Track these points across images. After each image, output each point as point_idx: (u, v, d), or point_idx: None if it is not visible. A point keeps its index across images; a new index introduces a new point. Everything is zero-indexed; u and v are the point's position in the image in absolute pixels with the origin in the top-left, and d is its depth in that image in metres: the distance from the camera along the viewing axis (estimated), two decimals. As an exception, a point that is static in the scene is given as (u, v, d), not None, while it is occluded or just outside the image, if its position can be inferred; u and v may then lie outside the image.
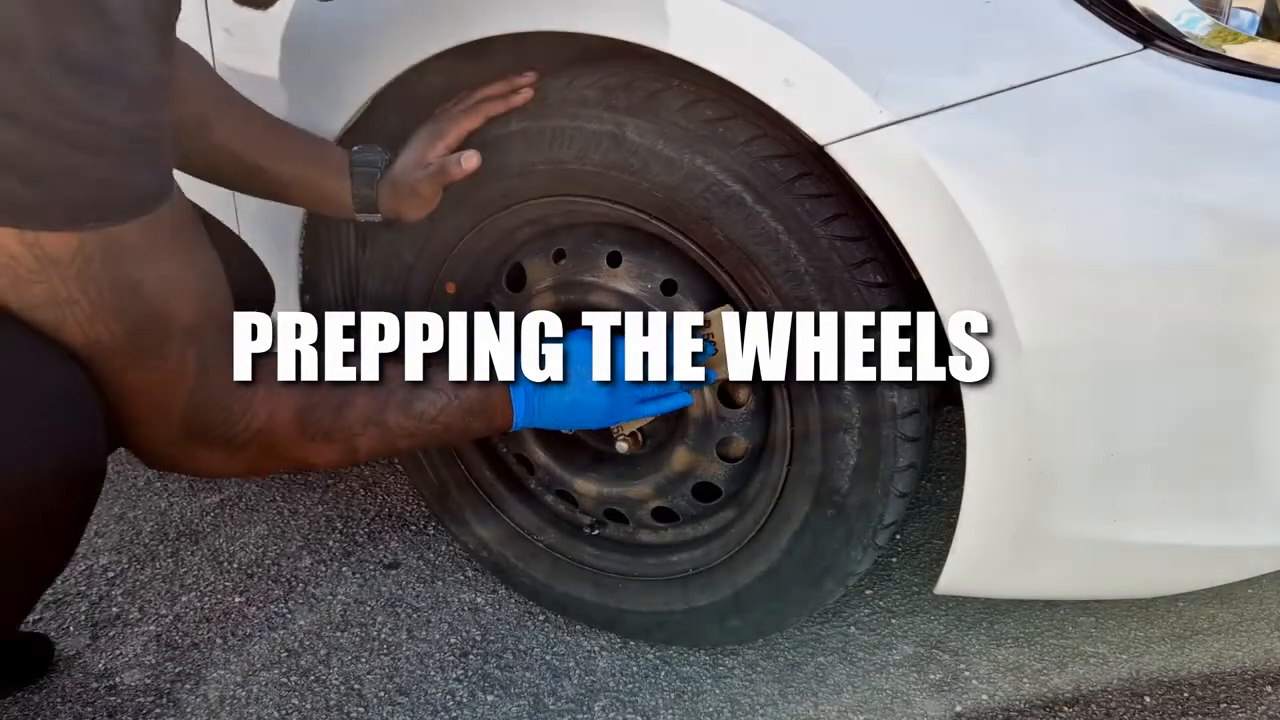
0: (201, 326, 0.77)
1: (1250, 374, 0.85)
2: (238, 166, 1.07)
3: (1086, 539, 0.94)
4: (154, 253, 0.72)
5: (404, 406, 0.91)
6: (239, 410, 0.81)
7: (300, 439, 0.85)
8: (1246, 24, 0.84)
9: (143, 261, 0.71)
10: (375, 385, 0.90)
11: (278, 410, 0.83)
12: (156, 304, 0.73)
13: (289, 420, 0.84)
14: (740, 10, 0.87)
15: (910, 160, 0.84)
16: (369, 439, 0.90)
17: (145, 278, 0.72)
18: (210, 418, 0.79)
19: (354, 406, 0.88)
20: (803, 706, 1.16)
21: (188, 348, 0.76)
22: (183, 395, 0.77)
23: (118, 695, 1.18)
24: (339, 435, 0.87)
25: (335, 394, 0.87)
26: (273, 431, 0.83)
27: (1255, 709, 1.13)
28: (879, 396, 0.96)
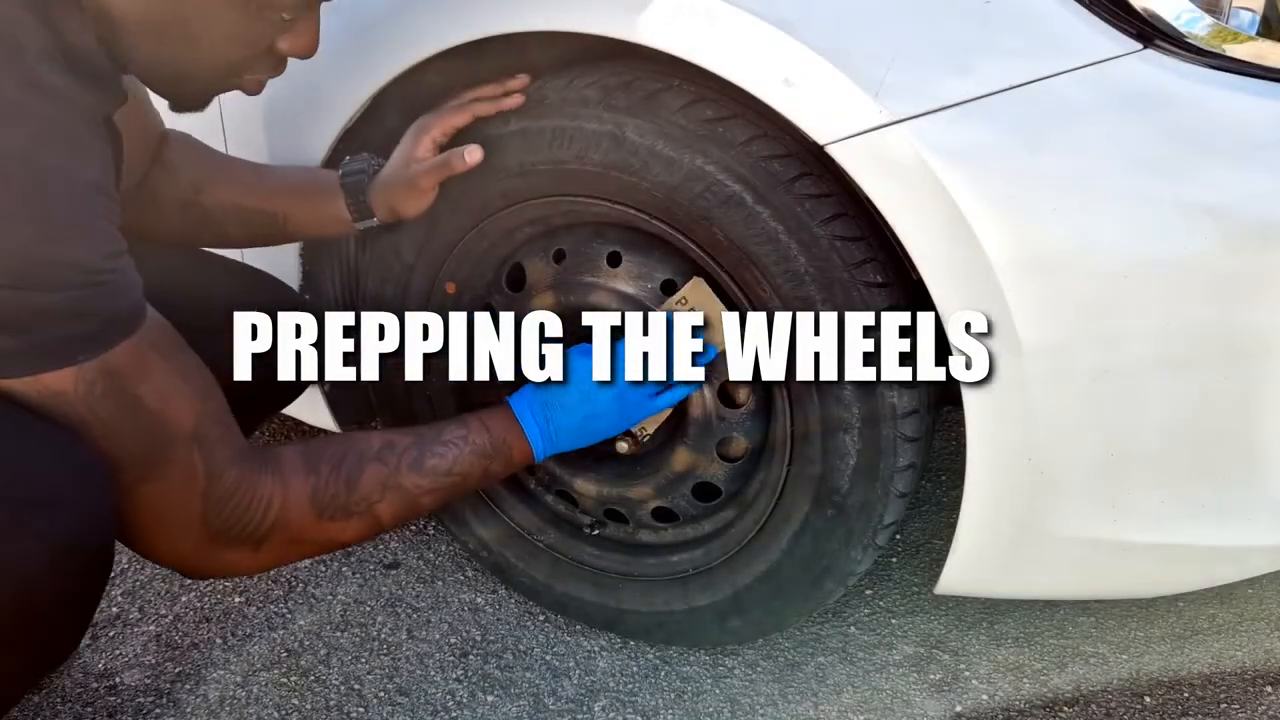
0: (202, 427, 0.78)
1: (1250, 374, 0.85)
2: (237, 218, 1.10)
3: (1086, 539, 0.94)
4: (146, 367, 0.75)
5: (416, 466, 0.91)
6: (252, 501, 0.81)
7: (319, 520, 0.85)
8: (1246, 24, 0.84)
9: (139, 376, 0.74)
10: (382, 452, 0.89)
11: (290, 496, 0.83)
12: (157, 415, 0.76)
13: (302, 504, 0.84)
14: (740, 10, 0.87)
15: (910, 160, 0.84)
16: (389, 505, 0.89)
17: (143, 392, 0.74)
18: (226, 513, 0.80)
19: (365, 476, 0.87)
20: (803, 706, 1.16)
21: (193, 450, 0.78)
22: (197, 497, 0.78)
23: (118, 695, 1.18)
24: (357, 508, 0.87)
25: (343, 468, 0.87)
26: (289, 519, 0.83)
27: (1255, 709, 1.13)
28: (879, 396, 0.96)
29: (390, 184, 1.07)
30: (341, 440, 0.90)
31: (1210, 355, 0.84)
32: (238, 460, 0.80)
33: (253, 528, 0.82)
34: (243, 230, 1.11)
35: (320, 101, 1.12)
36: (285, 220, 1.11)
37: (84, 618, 0.78)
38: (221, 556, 0.82)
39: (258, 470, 0.82)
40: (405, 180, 1.06)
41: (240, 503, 0.80)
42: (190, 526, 0.79)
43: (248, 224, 1.11)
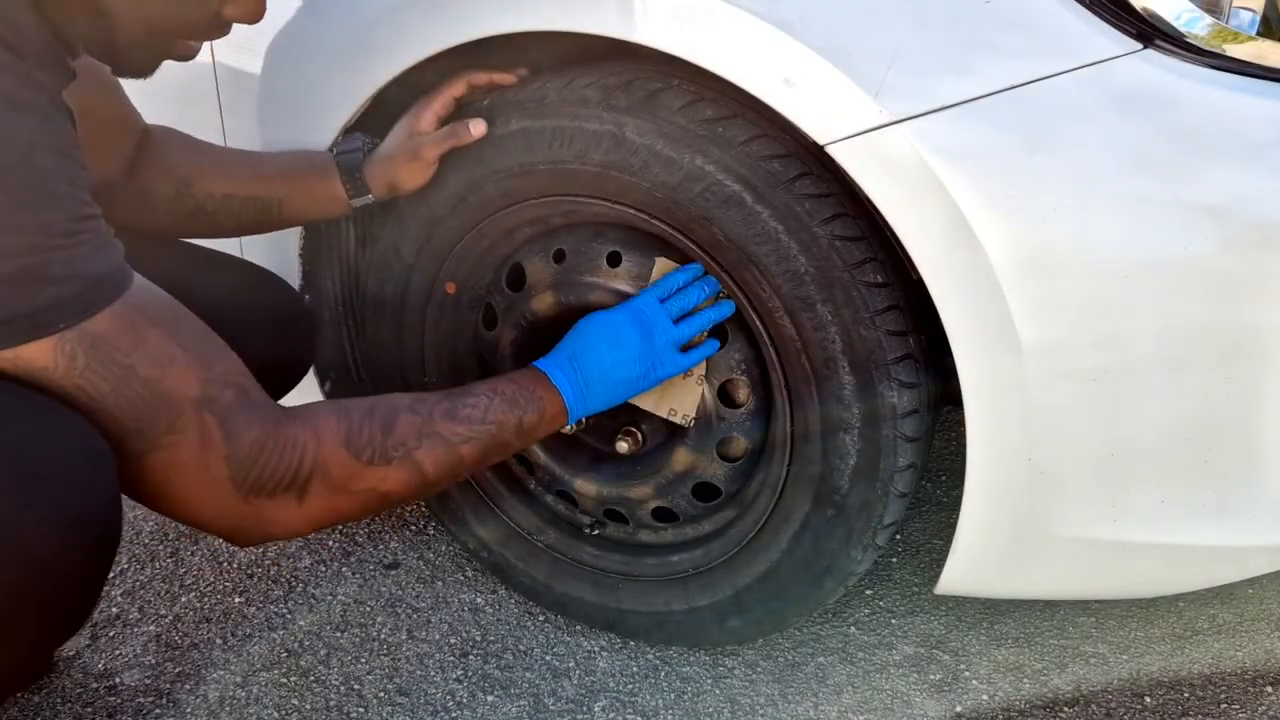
0: (209, 390, 0.76)
1: (1250, 374, 0.85)
2: (230, 206, 1.10)
3: (1086, 539, 0.94)
4: (135, 333, 0.72)
5: (449, 414, 0.90)
6: (284, 451, 0.79)
7: (358, 464, 0.83)
8: (1246, 24, 0.84)
9: (127, 345, 0.72)
10: (414, 404, 0.89)
11: (323, 442, 0.81)
12: (154, 382, 0.73)
13: (337, 448, 0.82)
14: (740, 10, 0.87)
15: (910, 160, 0.84)
16: (429, 453, 0.88)
17: (134, 361, 0.72)
18: (257, 470, 0.78)
19: (400, 423, 0.86)
20: (803, 706, 1.16)
21: (204, 414, 0.76)
22: (219, 460, 0.76)
23: (118, 695, 1.18)
24: (396, 453, 0.85)
25: (376, 412, 0.85)
26: (326, 465, 0.81)
27: (1255, 709, 1.13)
28: (879, 396, 0.96)
29: (391, 157, 1.08)
30: (369, 397, 0.88)
31: (1210, 355, 0.84)
32: (259, 418, 0.78)
33: (290, 477, 0.80)
34: (236, 219, 1.11)
35: (320, 101, 1.12)
36: (280, 205, 1.11)
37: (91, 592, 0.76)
38: (264, 513, 0.80)
39: (283, 422, 0.80)
40: (408, 152, 1.06)
41: (270, 456, 0.78)
42: (219, 488, 0.77)
43: (241, 212, 1.10)
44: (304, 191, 1.11)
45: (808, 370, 0.98)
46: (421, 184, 1.08)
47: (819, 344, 0.96)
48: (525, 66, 1.08)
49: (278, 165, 1.12)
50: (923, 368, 0.99)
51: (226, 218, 1.11)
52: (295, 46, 1.12)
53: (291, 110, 1.15)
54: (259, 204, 1.10)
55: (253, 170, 1.11)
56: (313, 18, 1.10)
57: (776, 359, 1.00)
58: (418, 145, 1.06)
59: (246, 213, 1.11)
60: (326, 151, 1.12)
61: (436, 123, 1.07)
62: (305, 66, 1.12)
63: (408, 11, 1.02)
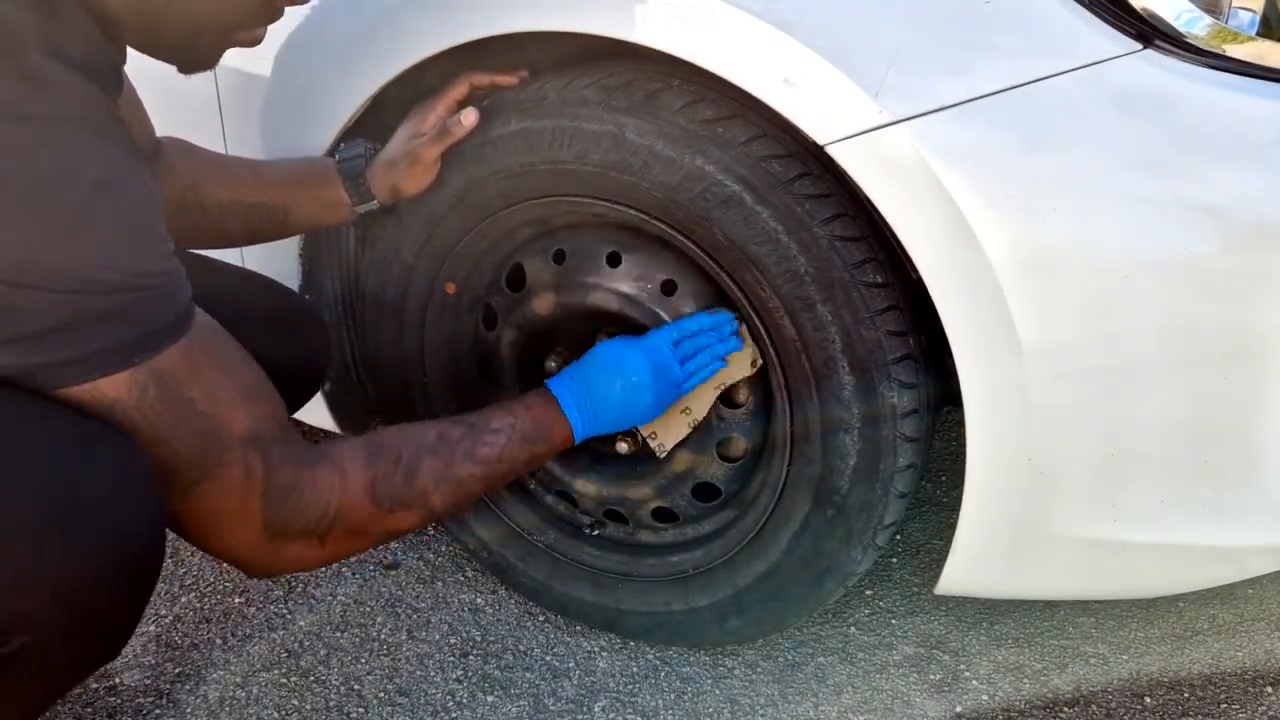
0: (255, 427, 0.78)
1: (1250, 374, 0.85)
2: (235, 213, 1.10)
3: (1086, 539, 0.94)
4: (197, 369, 0.75)
5: (469, 456, 0.92)
6: (312, 499, 0.82)
7: (378, 512, 0.86)
8: (1246, 24, 0.84)
9: (190, 380, 0.74)
10: (438, 445, 0.91)
11: (349, 490, 0.83)
12: (210, 417, 0.76)
13: (362, 498, 0.84)
14: (740, 10, 0.87)
15: (910, 160, 0.84)
16: (443, 495, 0.90)
17: (195, 396, 0.75)
18: (287, 514, 0.80)
19: (423, 469, 0.88)
20: (803, 707, 1.16)
21: (250, 451, 0.78)
22: (256, 497, 0.79)
23: (118, 695, 1.18)
24: (415, 500, 0.88)
25: (402, 461, 0.87)
26: (350, 512, 0.84)
27: (1255, 709, 1.13)
28: (879, 396, 0.96)
29: (393, 162, 1.08)
30: (397, 434, 0.90)
31: (1210, 355, 0.84)
32: (294, 458, 0.80)
33: (314, 522, 0.82)
34: (242, 225, 1.11)
35: (320, 101, 1.12)
36: (285, 211, 1.11)
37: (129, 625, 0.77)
38: (285, 553, 0.83)
39: (315, 466, 0.82)
40: (408, 156, 1.07)
41: (300, 499, 0.81)
42: (251, 525, 0.79)
43: (246, 219, 1.11)
44: (309, 198, 1.11)
45: (808, 370, 0.98)
46: (424, 186, 1.09)
47: (819, 344, 0.96)
48: (526, 67, 1.08)
49: (282, 171, 1.12)
50: (923, 368, 0.99)
51: (233, 224, 1.11)
52: (296, 47, 1.12)
53: (292, 111, 1.15)
54: (265, 210, 1.10)
55: (257, 176, 1.11)
56: (313, 18, 1.10)
57: (776, 359, 1.00)
58: (416, 148, 1.06)
59: (253, 219, 1.11)
60: (328, 157, 1.12)
61: (438, 125, 1.07)
62: (306, 67, 1.12)
63: (408, 11, 1.02)
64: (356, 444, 0.87)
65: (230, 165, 1.12)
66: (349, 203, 1.10)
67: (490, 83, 1.07)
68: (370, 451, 0.86)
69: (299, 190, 1.11)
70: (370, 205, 1.10)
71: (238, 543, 0.81)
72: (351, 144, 1.11)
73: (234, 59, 1.16)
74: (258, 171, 1.12)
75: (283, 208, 1.10)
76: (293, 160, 1.14)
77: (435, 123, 1.07)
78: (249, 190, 1.10)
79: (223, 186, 1.09)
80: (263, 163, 1.14)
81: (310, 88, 1.12)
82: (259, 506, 0.79)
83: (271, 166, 1.13)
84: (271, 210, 1.10)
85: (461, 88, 1.07)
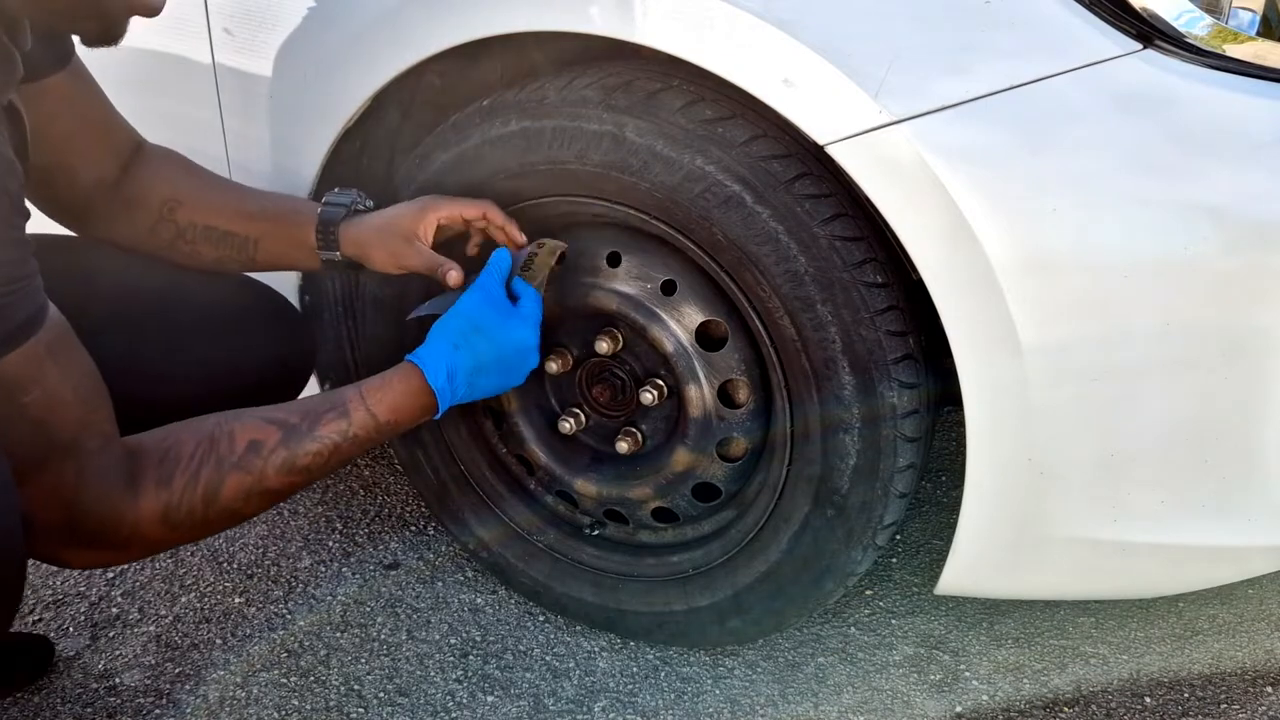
0: (80, 439, 0.78)
1: (1250, 374, 0.85)
2: (208, 238, 1.09)
3: (1086, 539, 0.94)
4: (37, 374, 0.74)
5: (284, 468, 0.87)
6: (109, 518, 0.81)
7: (175, 532, 0.84)
8: (1246, 24, 0.84)
9: (27, 386, 0.73)
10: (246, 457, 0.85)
11: (142, 517, 0.82)
12: (37, 422, 0.75)
13: (155, 522, 0.82)
14: (740, 10, 0.87)
15: (910, 160, 0.84)
16: (254, 504, 0.87)
17: (28, 401, 0.74)
18: (90, 526, 0.80)
19: (225, 488, 0.84)
20: (803, 707, 1.16)
21: (67, 460, 0.77)
22: (63, 505, 0.78)
23: (118, 695, 1.18)
24: (218, 518, 0.85)
25: (200, 483, 0.83)
26: (143, 534, 0.82)
27: (1255, 709, 1.13)
28: (879, 397, 0.96)
29: (375, 234, 1.06)
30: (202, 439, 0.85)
31: (1210, 355, 0.84)
32: (104, 474, 0.80)
33: (110, 538, 0.81)
34: (213, 251, 1.10)
35: (321, 101, 1.12)
36: (255, 246, 1.09)
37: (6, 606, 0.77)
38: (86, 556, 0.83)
39: (116, 488, 0.80)
40: (391, 249, 1.05)
41: (99, 517, 0.80)
42: (56, 530, 0.79)
43: (218, 245, 1.09)
44: (280, 234, 1.09)
45: (808, 370, 0.98)
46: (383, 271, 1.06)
47: (819, 344, 0.96)
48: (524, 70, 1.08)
49: (262, 203, 1.10)
50: (923, 368, 0.99)
51: (204, 248, 1.09)
52: (296, 46, 1.12)
53: (292, 110, 1.15)
54: (236, 240, 1.09)
55: (238, 204, 1.09)
56: (313, 18, 1.10)
57: (776, 359, 1.00)
58: (401, 252, 1.04)
59: (223, 247, 1.09)
60: (314, 201, 1.10)
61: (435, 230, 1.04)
62: (306, 66, 1.12)
63: (408, 11, 1.02)
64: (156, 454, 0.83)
65: (214, 190, 1.11)
66: (313, 245, 1.08)
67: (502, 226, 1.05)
68: (166, 468, 0.82)
69: (273, 225, 1.09)
70: (332, 255, 1.08)
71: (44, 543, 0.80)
72: (344, 191, 1.10)
73: (235, 59, 1.17)
74: (240, 200, 1.10)
75: (254, 242, 1.09)
76: (280, 196, 1.13)
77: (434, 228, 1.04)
78: (224, 218, 1.09)
79: (200, 209, 1.08)
80: (248, 191, 1.12)
81: (310, 87, 1.12)
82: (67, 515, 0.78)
83: (255, 197, 1.12)
84: (243, 241, 1.09)
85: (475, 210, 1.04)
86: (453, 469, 1.27)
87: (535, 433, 1.22)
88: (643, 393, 1.10)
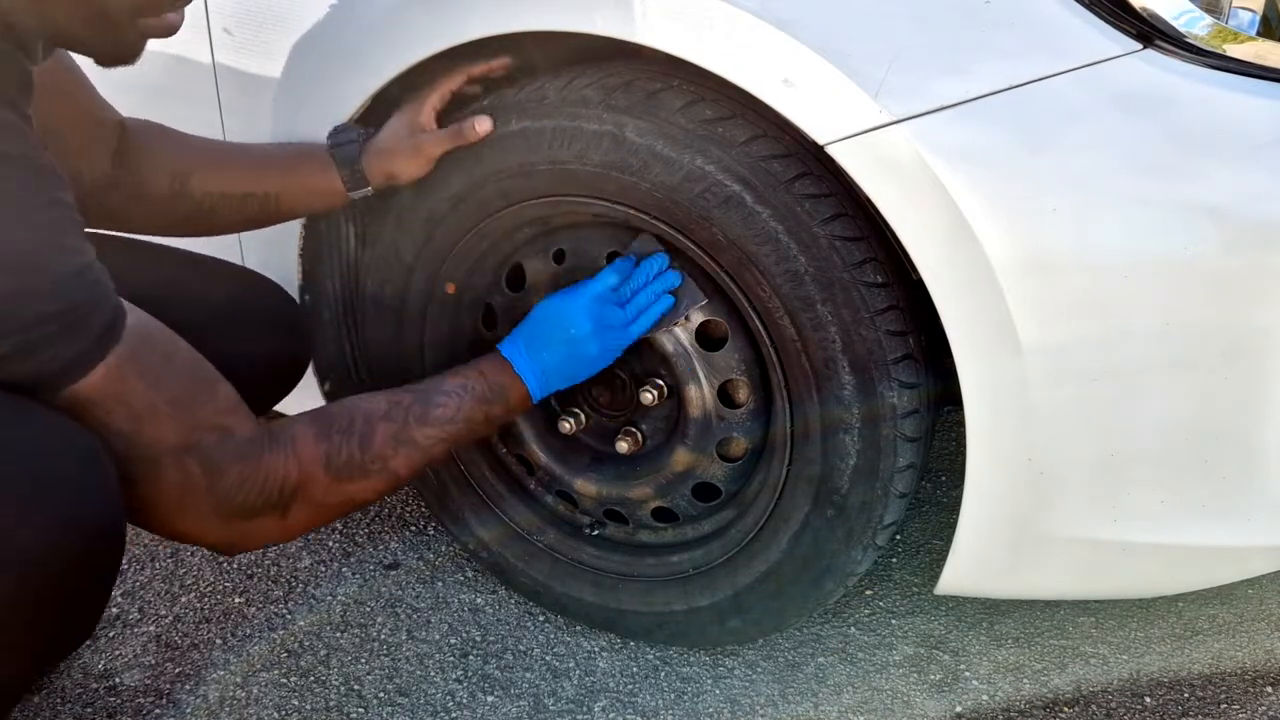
0: (191, 437, 0.78)
1: (1250, 374, 0.85)
2: (227, 204, 1.09)
3: (1086, 539, 0.94)
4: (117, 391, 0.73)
5: (422, 419, 0.93)
6: (266, 481, 0.82)
7: (338, 482, 0.86)
8: (1246, 24, 0.84)
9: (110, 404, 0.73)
10: (390, 410, 0.91)
11: (304, 465, 0.84)
12: (131, 436, 0.75)
13: (318, 470, 0.85)
14: (740, 10, 0.87)
15: (910, 160, 0.84)
16: (404, 459, 0.91)
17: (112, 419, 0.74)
18: (239, 500, 0.80)
19: (377, 436, 0.89)
20: (803, 707, 1.16)
21: (185, 459, 0.77)
22: (201, 494, 0.79)
23: (118, 695, 1.18)
24: (373, 466, 0.89)
25: (354, 431, 0.88)
26: (307, 486, 0.84)
27: (1255, 709, 1.13)
28: (879, 396, 0.96)
29: (391, 151, 1.07)
30: (348, 405, 0.91)
31: (1210, 355, 0.84)
32: (242, 453, 0.80)
33: (272, 502, 0.82)
34: (235, 216, 1.11)
35: (321, 101, 1.12)
36: (277, 200, 1.10)
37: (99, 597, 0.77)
38: (247, 530, 0.83)
39: (265, 453, 0.82)
40: (410, 148, 1.06)
41: (252, 487, 0.81)
42: (204, 517, 0.80)
43: (239, 209, 1.10)
44: (301, 185, 1.10)
45: (808, 370, 0.98)
46: (420, 175, 1.09)
47: (819, 344, 0.96)
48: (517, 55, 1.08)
49: (273, 159, 1.11)
50: (923, 368, 0.99)
51: (226, 214, 1.10)
52: (296, 46, 1.12)
53: (292, 110, 1.15)
54: (257, 200, 1.10)
55: (248, 165, 1.10)
56: (314, 18, 1.10)
57: (776, 359, 1.00)
58: (421, 143, 1.06)
59: (246, 209, 1.10)
60: (321, 145, 1.11)
61: (434, 117, 1.07)
62: (306, 66, 1.12)
63: (408, 11, 1.02)
64: (307, 420, 0.87)
65: (220, 154, 1.11)
66: (342, 189, 1.09)
67: (485, 70, 1.07)
68: (320, 426, 0.87)
69: (291, 177, 1.10)
70: (364, 191, 1.10)
71: (198, 532, 0.81)
72: (343, 129, 1.10)
73: (235, 58, 1.17)
74: (249, 159, 1.11)
75: (275, 196, 1.10)
76: (283, 145, 1.13)
77: (430, 113, 1.06)
78: (239, 181, 1.09)
79: (212, 177, 1.08)
80: (252, 148, 1.13)
81: (311, 87, 1.12)
82: (209, 502, 0.79)
83: (262, 153, 1.12)
84: (263, 199, 1.10)
85: (457, 78, 1.07)
86: (453, 469, 1.27)
87: (535, 433, 1.22)
88: (643, 393, 1.10)
